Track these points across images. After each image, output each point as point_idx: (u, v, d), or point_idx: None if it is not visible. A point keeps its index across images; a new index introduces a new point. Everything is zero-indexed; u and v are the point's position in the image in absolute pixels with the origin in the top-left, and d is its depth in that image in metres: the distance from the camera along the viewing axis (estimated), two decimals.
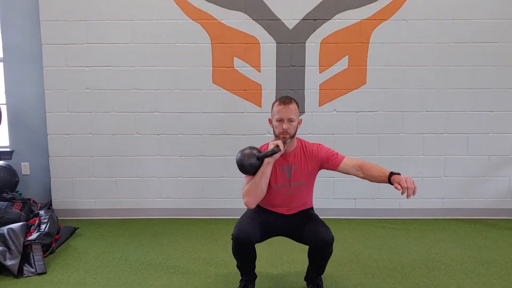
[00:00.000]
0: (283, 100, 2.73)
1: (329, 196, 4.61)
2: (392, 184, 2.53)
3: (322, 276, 2.99)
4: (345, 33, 4.39)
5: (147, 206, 4.64)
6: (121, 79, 4.46)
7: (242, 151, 2.70)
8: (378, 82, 4.44)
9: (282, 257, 3.60)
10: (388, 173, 2.60)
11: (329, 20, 4.38)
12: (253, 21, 4.38)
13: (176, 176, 4.61)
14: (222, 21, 4.38)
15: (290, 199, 2.84)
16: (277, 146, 2.65)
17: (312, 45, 4.40)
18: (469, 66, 4.41)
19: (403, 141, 4.52)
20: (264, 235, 2.82)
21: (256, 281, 2.99)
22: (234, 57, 4.42)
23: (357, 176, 2.77)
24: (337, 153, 2.83)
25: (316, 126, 4.50)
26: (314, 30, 4.39)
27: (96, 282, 3.14)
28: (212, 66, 4.45)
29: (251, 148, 2.72)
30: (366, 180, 2.76)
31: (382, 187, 4.50)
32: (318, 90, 4.45)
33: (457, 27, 4.37)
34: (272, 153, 2.64)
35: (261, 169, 2.67)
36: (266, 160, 2.66)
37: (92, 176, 4.60)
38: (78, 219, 4.58)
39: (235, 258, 2.82)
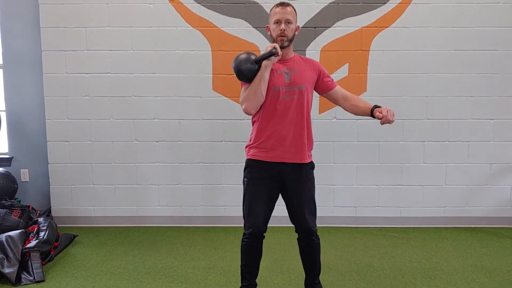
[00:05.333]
0: (281, 3, 2.73)
1: (330, 204, 4.58)
2: (374, 116, 2.68)
3: (322, 283, 2.98)
4: (345, 41, 4.38)
5: (146, 213, 4.62)
6: (120, 86, 4.45)
7: (237, 57, 2.63)
8: (378, 90, 4.43)
9: (282, 265, 3.58)
10: (372, 106, 2.73)
11: (330, 28, 4.37)
12: (253, 28, 4.38)
13: (175, 183, 4.58)
14: (222, 29, 4.38)
15: (290, 106, 2.69)
16: (275, 48, 2.58)
17: (313, 53, 4.39)
18: (470, 73, 4.40)
19: (403, 149, 4.50)
20: (271, 209, 2.81)
21: None
22: None
23: (341, 106, 2.88)
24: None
25: (316, 133, 4.40)
26: (315, 38, 4.39)
27: None
28: (212, 73, 4.44)
29: (247, 53, 2.65)
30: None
31: (383, 196, 4.52)
32: (318, 97, 4.42)
33: (458, 35, 4.36)
34: (270, 54, 2.56)
35: (259, 72, 2.61)
36: (264, 63, 2.60)
37: (91, 183, 4.58)
38: (77, 226, 4.55)
39: (242, 257, 2.82)
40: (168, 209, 4.61)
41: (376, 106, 2.70)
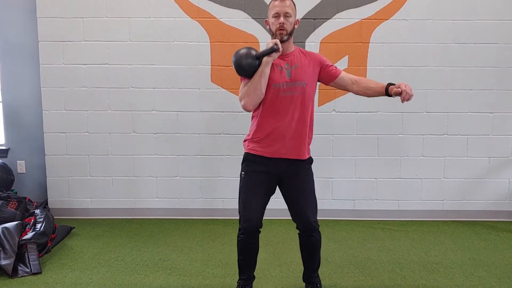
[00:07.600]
0: None
1: (328, 197, 4.57)
2: (389, 95, 2.62)
3: (320, 276, 2.97)
4: (345, 33, 4.36)
5: (144, 205, 4.60)
6: (118, 77, 4.41)
7: (237, 52, 2.59)
8: None
9: (280, 258, 3.57)
10: (385, 84, 2.65)
11: (329, 20, 4.34)
12: (252, 19, 4.34)
13: (173, 175, 4.56)
14: (221, 20, 4.34)
15: (291, 103, 2.65)
16: (276, 44, 2.54)
17: (312, 45, 4.37)
18: (469, 67, 4.39)
19: (402, 142, 4.48)
20: (266, 204, 2.77)
21: (254, 283, 2.95)
22: None
23: (353, 92, 2.79)
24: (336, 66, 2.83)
25: (315, 126, 4.36)
26: (314, 30, 4.36)
27: (91, 282, 3.11)
28: (211, 65, 4.41)
29: (248, 48, 2.61)
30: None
31: (381, 189, 4.51)
32: (318, 90, 4.41)
33: (457, 28, 4.34)
34: (271, 51, 2.53)
35: (260, 68, 2.57)
36: (265, 59, 2.57)
37: (88, 175, 4.55)
38: (74, 218, 4.53)
39: (239, 252, 2.79)
40: (166, 201, 4.60)
41: (390, 84, 2.63)
